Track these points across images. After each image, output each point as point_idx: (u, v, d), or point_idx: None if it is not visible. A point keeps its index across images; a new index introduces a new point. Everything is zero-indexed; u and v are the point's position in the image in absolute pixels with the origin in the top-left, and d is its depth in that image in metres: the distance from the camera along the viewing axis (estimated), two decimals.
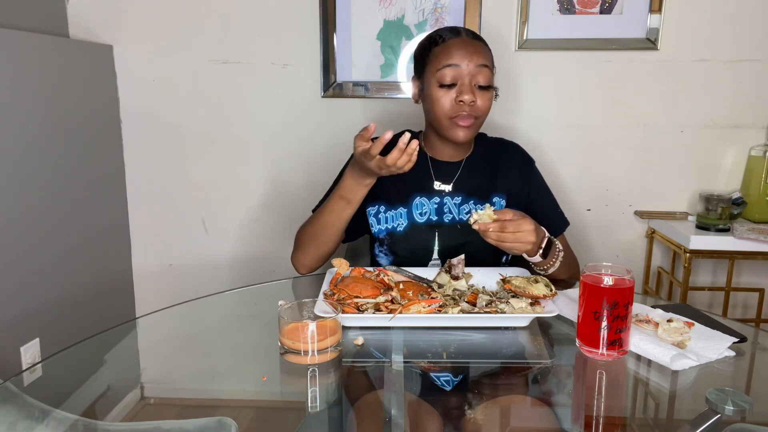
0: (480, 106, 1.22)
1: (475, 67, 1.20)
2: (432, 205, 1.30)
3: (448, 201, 1.30)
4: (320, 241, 1.27)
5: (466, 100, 1.19)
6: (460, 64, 1.20)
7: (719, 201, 1.74)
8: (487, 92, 1.23)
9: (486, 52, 1.24)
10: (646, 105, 1.88)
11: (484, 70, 1.21)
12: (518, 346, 0.96)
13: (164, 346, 0.99)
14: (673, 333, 0.92)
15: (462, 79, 1.21)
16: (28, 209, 1.60)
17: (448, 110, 1.22)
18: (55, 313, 1.71)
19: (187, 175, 2.04)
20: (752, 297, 1.93)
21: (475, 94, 1.20)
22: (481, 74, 1.21)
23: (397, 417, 0.76)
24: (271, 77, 1.95)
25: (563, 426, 0.75)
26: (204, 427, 0.72)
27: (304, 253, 1.29)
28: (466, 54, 1.21)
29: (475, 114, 1.22)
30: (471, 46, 1.22)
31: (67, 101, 1.75)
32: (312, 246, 1.28)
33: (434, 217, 1.30)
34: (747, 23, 1.81)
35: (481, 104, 1.22)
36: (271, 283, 1.29)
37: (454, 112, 1.22)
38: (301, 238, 1.31)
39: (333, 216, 1.23)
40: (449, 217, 1.29)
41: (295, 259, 1.31)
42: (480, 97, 1.21)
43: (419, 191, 1.31)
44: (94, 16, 1.93)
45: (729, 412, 0.63)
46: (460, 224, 1.28)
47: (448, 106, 1.22)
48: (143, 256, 2.10)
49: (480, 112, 1.23)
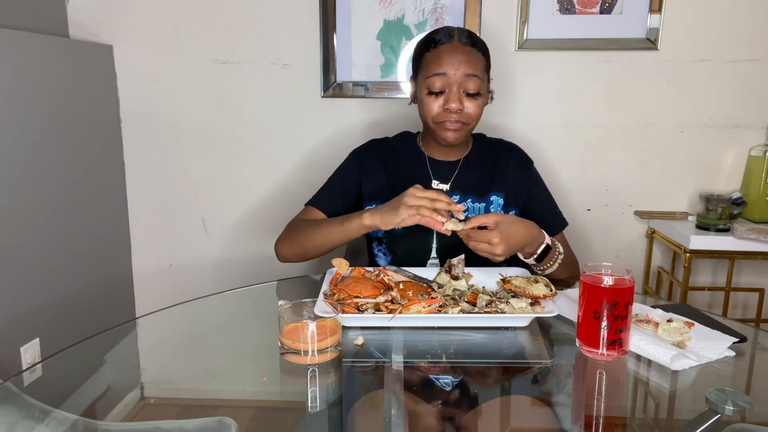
0: (469, 113, 1.23)
1: (462, 76, 1.21)
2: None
3: None
4: (305, 249, 1.27)
5: (452, 108, 1.21)
6: (448, 73, 1.21)
7: (719, 201, 1.74)
8: (477, 99, 1.24)
9: (476, 60, 1.23)
10: (646, 105, 1.88)
11: (473, 79, 1.21)
12: (518, 346, 0.96)
13: (164, 346, 0.99)
14: (673, 333, 0.92)
15: (450, 87, 1.22)
16: (28, 209, 1.60)
17: (435, 116, 1.24)
18: (55, 313, 1.71)
19: (187, 175, 2.04)
20: (752, 297, 1.93)
21: (464, 102, 1.22)
22: (469, 83, 1.21)
23: (397, 417, 0.76)
24: (271, 77, 1.95)
25: (563, 426, 0.75)
26: (204, 427, 0.72)
27: (290, 248, 1.30)
28: (454, 63, 1.21)
29: (463, 120, 1.23)
30: (461, 54, 1.22)
31: (67, 101, 1.75)
32: (298, 248, 1.28)
33: None
34: (747, 23, 1.81)
35: (471, 111, 1.23)
36: (271, 283, 1.29)
37: (441, 117, 1.24)
38: (291, 234, 1.31)
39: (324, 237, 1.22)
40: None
41: (278, 247, 1.32)
42: (469, 104, 1.23)
43: None
44: (94, 16, 1.93)
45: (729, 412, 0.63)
46: None
47: (435, 111, 1.24)
48: (143, 256, 2.10)
49: (469, 119, 1.24)
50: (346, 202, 1.35)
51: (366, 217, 1.16)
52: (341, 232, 1.19)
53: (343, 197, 1.35)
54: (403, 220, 1.09)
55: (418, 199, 1.09)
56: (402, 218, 1.09)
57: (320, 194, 1.37)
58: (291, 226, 1.34)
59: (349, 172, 1.37)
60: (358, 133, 1.95)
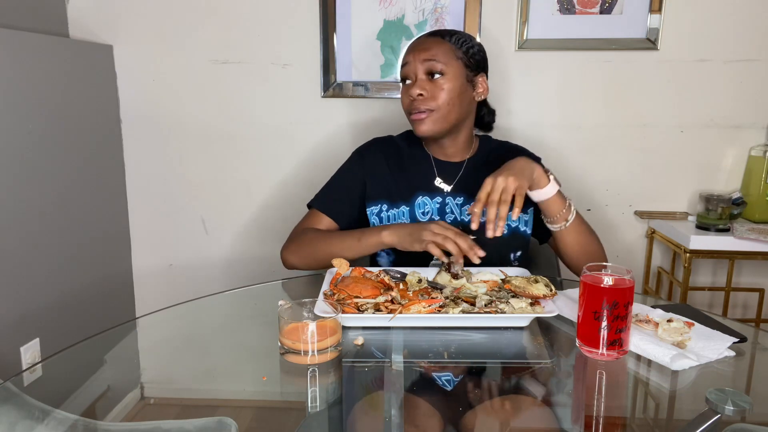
0: (433, 96, 1.23)
1: (421, 62, 1.24)
2: (434, 204, 1.30)
3: (450, 201, 1.30)
4: (317, 260, 1.27)
5: (412, 94, 1.24)
6: (409, 61, 1.25)
7: (719, 201, 1.74)
8: (439, 81, 1.23)
9: (437, 46, 1.25)
10: (646, 105, 1.88)
11: (430, 63, 1.23)
12: (518, 346, 0.96)
13: (164, 346, 0.99)
14: (673, 333, 0.92)
15: (410, 75, 1.25)
16: (28, 209, 1.60)
17: (406, 107, 1.27)
18: (55, 313, 1.71)
19: (187, 175, 2.04)
20: (752, 297, 1.93)
21: (426, 86, 1.23)
22: (428, 65, 1.23)
23: (397, 417, 0.76)
24: (271, 77, 1.95)
25: (563, 426, 0.75)
26: (204, 427, 0.72)
27: (299, 258, 1.29)
28: (414, 51, 1.26)
29: (428, 107, 1.23)
30: (422, 43, 1.26)
31: (67, 101, 1.75)
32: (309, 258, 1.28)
33: (436, 216, 1.30)
34: (747, 23, 1.81)
35: (435, 94, 1.23)
36: (271, 283, 1.29)
37: (410, 107, 1.26)
38: (301, 244, 1.29)
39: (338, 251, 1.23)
40: (451, 218, 1.29)
41: (286, 256, 1.31)
42: (432, 88, 1.23)
43: (422, 190, 1.31)
44: (94, 16, 1.93)
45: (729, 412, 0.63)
46: (462, 225, 1.28)
47: (406, 102, 1.27)
48: (143, 256, 2.10)
49: (435, 104, 1.23)
50: (351, 204, 1.33)
51: (386, 235, 1.19)
52: (359, 247, 1.22)
53: (347, 200, 1.34)
54: (425, 247, 1.14)
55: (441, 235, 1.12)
56: (422, 247, 1.14)
57: (324, 197, 1.36)
58: (299, 235, 1.32)
59: (352, 173, 1.35)
60: (358, 133, 1.95)
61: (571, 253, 1.26)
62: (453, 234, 1.12)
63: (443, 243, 1.11)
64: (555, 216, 1.20)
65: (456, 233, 1.12)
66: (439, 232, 1.12)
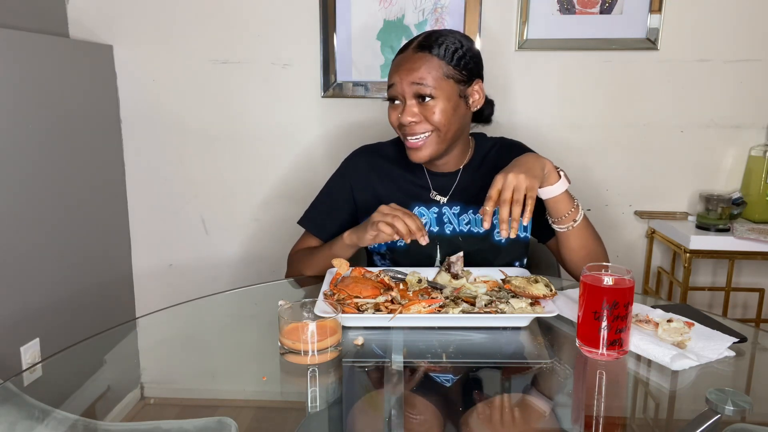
0: (429, 119, 1.17)
1: (409, 85, 1.16)
2: (431, 214, 1.28)
3: (446, 211, 1.28)
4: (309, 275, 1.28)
5: (405, 122, 1.18)
6: (396, 83, 1.18)
7: (719, 201, 1.74)
8: (433, 104, 1.16)
9: (424, 65, 1.15)
10: (646, 105, 1.88)
11: (418, 87, 1.15)
12: (518, 346, 0.96)
13: (164, 346, 0.99)
14: (673, 333, 0.92)
15: (398, 97, 1.19)
16: (28, 209, 1.60)
17: (397, 125, 1.22)
18: (55, 313, 1.71)
19: (187, 175, 2.04)
20: (752, 297, 1.93)
21: (416, 110, 1.17)
22: (417, 89, 1.16)
23: (397, 417, 0.76)
24: (271, 77, 1.95)
25: (563, 426, 0.75)
26: (204, 427, 0.72)
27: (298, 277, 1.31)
28: (400, 72, 1.17)
29: (423, 129, 1.18)
30: (408, 62, 1.17)
31: (67, 101, 1.75)
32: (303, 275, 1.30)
33: (435, 227, 1.27)
34: (747, 23, 1.81)
35: (429, 117, 1.17)
36: (271, 283, 1.29)
37: (402, 130, 1.21)
38: (293, 268, 1.32)
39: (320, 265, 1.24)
40: (450, 228, 1.27)
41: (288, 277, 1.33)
42: (423, 111, 1.17)
43: (418, 201, 1.29)
44: (94, 16, 1.93)
45: (729, 412, 0.63)
46: (461, 236, 1.27)
47: (395, 122, 1.21)
48: (143, 256, 2.10)
49: (429, 126, 1.18)
50: (340, 222, 1.32)
51: (346, 236, 1.19)
52: (331, 256, 1.20)
53: (335, 218, 1.33)
54: (376, 235, 1.11)
55: (389, 215, 1.10)
56: (373, 234, 1.12)
57: (312, 217, 1.35)
58: (291, 258, 1.35)
59: (338, 189, 1.34)
60: (358, 133, 1.95)
61: (575, 257, 1.22)
62: (402, 213, 1.09)
63: (392, 222, 1.09)
64: (562, 216, 1.16)
65: (405, 213, 1.10)
66: (388, 212, 1.10)
